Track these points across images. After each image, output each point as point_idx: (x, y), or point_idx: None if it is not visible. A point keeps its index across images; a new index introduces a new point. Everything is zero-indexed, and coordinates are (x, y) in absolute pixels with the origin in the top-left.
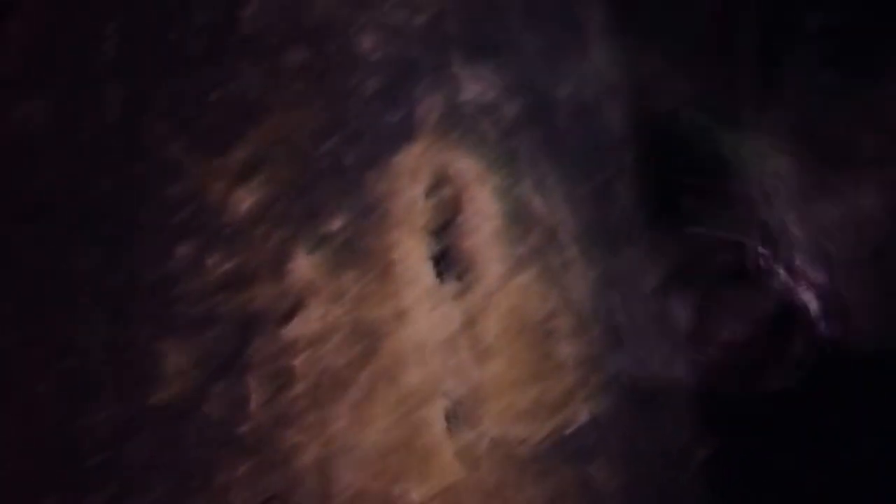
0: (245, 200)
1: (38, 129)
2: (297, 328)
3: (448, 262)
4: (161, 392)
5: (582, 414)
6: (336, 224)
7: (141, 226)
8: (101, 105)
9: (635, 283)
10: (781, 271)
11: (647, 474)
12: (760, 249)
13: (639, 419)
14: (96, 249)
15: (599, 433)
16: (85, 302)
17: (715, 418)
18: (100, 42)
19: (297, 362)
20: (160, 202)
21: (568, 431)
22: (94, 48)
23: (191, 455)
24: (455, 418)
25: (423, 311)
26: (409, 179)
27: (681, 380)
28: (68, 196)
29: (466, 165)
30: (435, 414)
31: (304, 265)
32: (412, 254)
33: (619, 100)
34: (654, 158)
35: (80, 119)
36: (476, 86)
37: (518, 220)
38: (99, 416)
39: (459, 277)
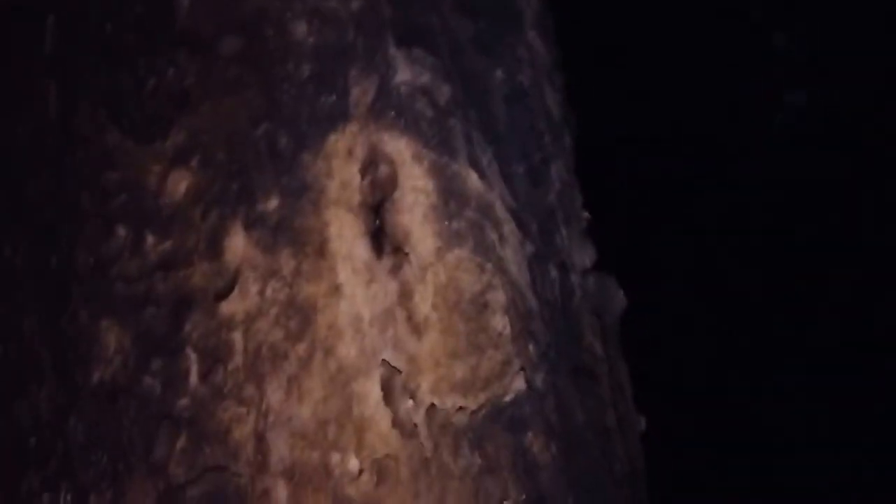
0: (182, 183)
1: None
2: (235, 304)
3: (384, 237)
4: (101, 370)
5: (518, 384)
6: (272, 203)
7: (80, 211)
8: (40, 97)
9: (570, 260)
10: None
11: (582, 446)
12: None
13: (574, 391)
14: (36, 235)
15: (535, 404)
16: (25, 286)
17: (650, 393)
18: (38, 36)
19: (235, 337)
20: (98, 188)
21: (504, 401)
22: (33, 42)
23: (131, 430)
24: (392, 389)
25: (359, 286)
26: (344, 159)
27: (613, 358)
28: (8, 185)
29: (401, 144)
30: (371, 385)
31: (240, 243)
32: (348, 230)
33: (556, 84)
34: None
35: (20, 111)
36: (410, 68)
37: (453, 196)
38: (40, 395)
39: (395, 252)
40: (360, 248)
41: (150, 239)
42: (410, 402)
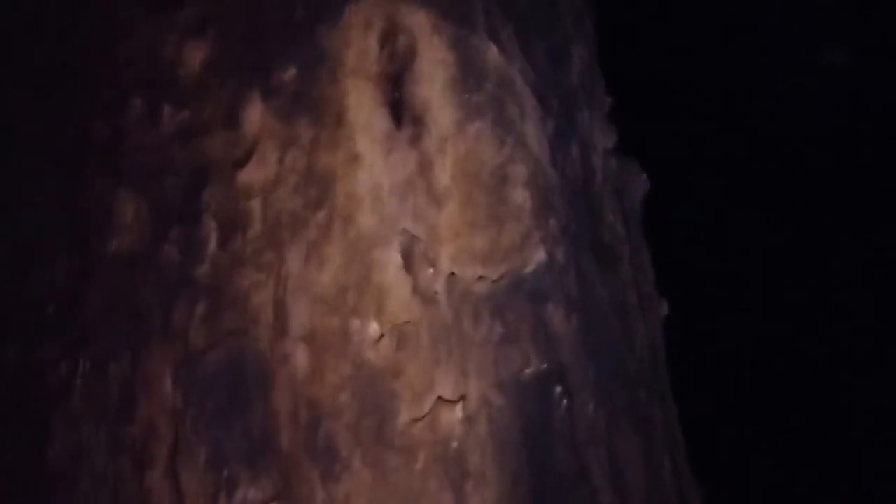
0: (198, 53)
1: None
2: (253, 172)
3: (403, 108)
4: (118, 239)
5: (538, 256)
6: (290, 73)
7: (94, 82)
8: None
9: (592, 141)
10: None
11: (602, 321)
12: None
13: (595, 267)
14: (46, 108)
15: (555, 276)
16: (38, 155)
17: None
18: None
19: (254, 205)
20: (113, 59)
21: (524, 272)
22: None
23: (149, 298)
24: (412, 257)
25: (379, 155)
26: (361, 30)
27: (634, 239)
28: (18, 58)
29: (420, 16)
30: (391, 253)
31: (258, 113)
32: (366, 101)
33: None
34: None
35: None
36: None
37: (473, 69)
38: (57, 264)
39: (415, 123)
40: (379, 118)
41: (166, 109)
42: (431, 270)
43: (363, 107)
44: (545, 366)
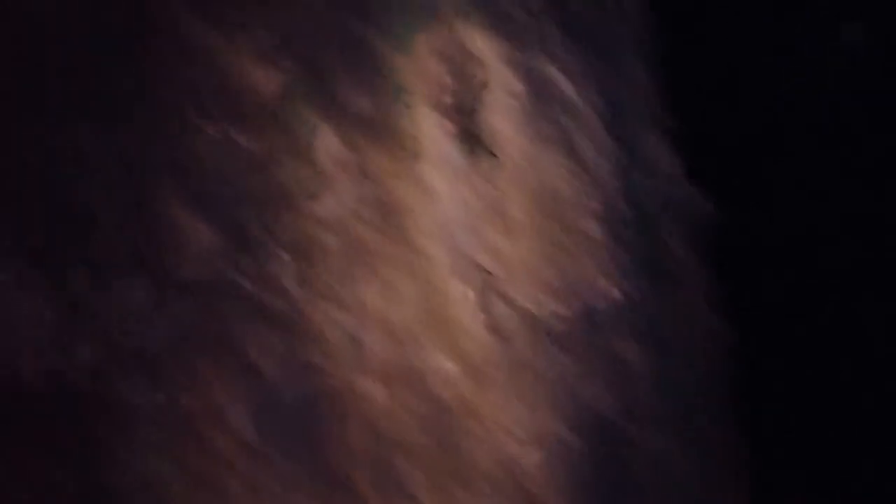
0: (272, 82)
1: (51, 20)
2: (328, 205)
3: (475, 140)
4: (192, 267)
5: (611, 290)
6: (363, 104)
7: (168, 107)
8: None
9: (658, 166)
10: None
11: (675, 357)
12: None
13: (665, 299)
14: (116, 124)
15: (630, 313)
16: (101, 173)
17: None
18: None
19: (328, 238)
20: (186, 84)
21: (598, 309)
22: None
23: (225, 329)
24: (485, 292)
25: (452, 189)
26: (434, 60)
27: (701, 268)
28: (94, 81)
29: (491, 46)
30: (465, 288)
31: (332, 144)
32: (439, 132)
33: None
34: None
35: (97, 6)
36: None
37: (545, 100)
38: (131, 292)
39: (487, 155)
40: (452, 150)
41: (239, 138)
42: (504, 306)
43: (436, 138)
44: (618, 400)
